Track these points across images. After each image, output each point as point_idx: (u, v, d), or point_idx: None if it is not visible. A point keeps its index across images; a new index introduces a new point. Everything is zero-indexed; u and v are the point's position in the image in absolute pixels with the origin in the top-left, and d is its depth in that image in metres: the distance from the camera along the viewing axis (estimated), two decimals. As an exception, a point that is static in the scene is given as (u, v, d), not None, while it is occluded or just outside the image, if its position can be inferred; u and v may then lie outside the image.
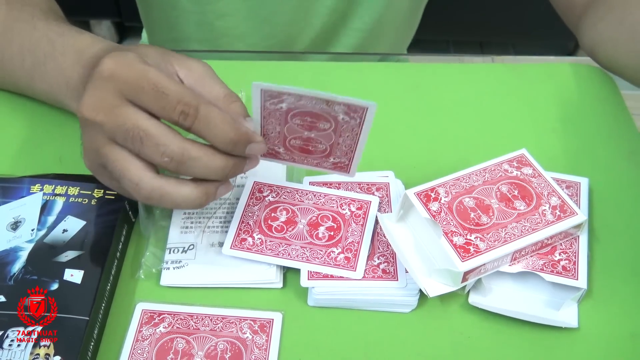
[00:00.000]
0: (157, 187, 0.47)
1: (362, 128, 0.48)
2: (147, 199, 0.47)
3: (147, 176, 0.46)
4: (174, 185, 0.47)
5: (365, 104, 0.46)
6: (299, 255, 0.53)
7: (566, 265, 0.51)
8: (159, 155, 0.45)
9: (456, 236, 0.50)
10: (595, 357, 0.49)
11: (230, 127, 0.46)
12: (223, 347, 0.49)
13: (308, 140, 0.50)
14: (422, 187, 0.54)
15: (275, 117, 0.48)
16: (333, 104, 0.46)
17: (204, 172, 0.47)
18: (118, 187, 0.50)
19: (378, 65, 0.78)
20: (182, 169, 0.46)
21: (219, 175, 0.48)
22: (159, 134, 0.45)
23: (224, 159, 0.47)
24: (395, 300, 0.51)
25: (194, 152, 0.46)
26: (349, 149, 0.51)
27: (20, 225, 0.53)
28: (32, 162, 0.61)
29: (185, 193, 0.47)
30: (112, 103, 0.46)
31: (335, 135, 0.49)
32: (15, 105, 0.66)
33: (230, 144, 0.46)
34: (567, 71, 0.73)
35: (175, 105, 0.45)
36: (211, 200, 0.49)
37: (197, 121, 0.45)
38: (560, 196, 0.54)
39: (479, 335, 0.51)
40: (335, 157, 0.52)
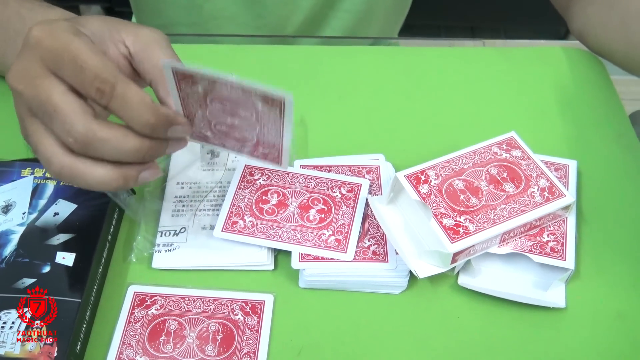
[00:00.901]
0: (68, 165, 0.44)
1: (284, 120, 0.45)
2: (58, 175, 0.45)
3: (58, 152, 0.44)
4: (88, 165, 0.44)
5: (280, 95, 0.43)
6: (290, 238, 0.53)
7: (554, 247, 0.52)
8: (65, 134, 0.43)
9: (446, 218, 0.51)
10: (582, 337, 0.50)
11: (148, 109, 0.43)
12: (215, 329, 0.49)
13: (232, 127, 0.48)
14: (412, 170, 0.54)
15: (194, 99, 0.45)
16: (249, 94, 0.44)
17: (115, 155, 0.44)
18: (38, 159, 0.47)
19: (369, 49, 0.78)
20: (90, 150, 0.43)
21: (134, 158, 0.44)
22: (66, 112, 0.42)
23: (138, 140, 0.44)
24: (385, 282, 0.52)
25: (101, 133, 0.43)
26: (275, 140, 0.48)
27: (11, 208, 0.53)
28: (23, 146, 0.61)
29: (99, 174, 0.44)
30: (34, 72, 0.43)
31: (259, 126, 0.46)
32: (5, 89, 0.66)
33: (148, 127, 0.43)
34: (557, 55, 0.73)
35: (92, 80, 0.42)
36: (131, 184, 0.46)
37: (112, 100, 0.42)
38: (549, 178, 0.54)
39: (468, 316, 0.51)
40: (264, 148, 0.49)
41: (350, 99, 0.68)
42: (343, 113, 0.66)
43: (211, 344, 0.48)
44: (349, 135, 0.64)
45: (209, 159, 0.60)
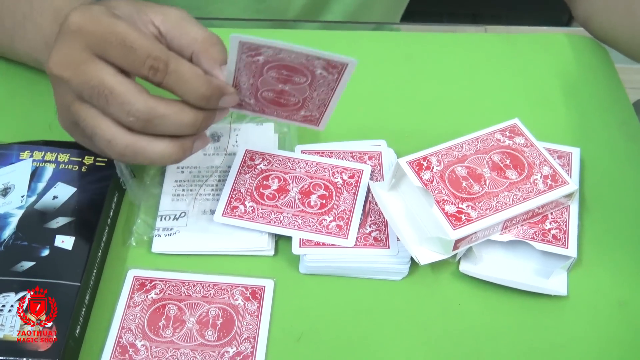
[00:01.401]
0: (131, 144, 0.45)
1: (339, 84, 0.47)
2: (121, 155, 0.46)
3: (119, 132, 0.45)
4: (148, 141, 0.45)
5: (345, 60, 0.45)
6: (291, 223, 0.53)
7: (556, 234, 0.52)
8: (124, 114, 0.44)
9: (448, 204, 0.50)
10: (584, 325, 0.50)
11: (202, 82, 0.44)
12: (215, 314, 0.49)
13: (281, 93, 0.49)
14: (415, 156, 0.54)
15: (250, 69, 0.46)
16: (312, 59, 0.45)
17: (174, 129, 0.45)
18: (91, 145, 0.48)
19: (371, 34, 0.77)
20: (150, 127, 0.44)
21: (191, 130, 0.46)
22: (123, 92, 0.43)
23: (194, 113, 0.45)
24: (386, 268, 0.51)
25: (160, 110, 0.44)
26: (321, 103, 0.50)
27: (10, 191, 0.52)
28: (22, 129, 0.61)
29: (160, 149, 0.46)
30: (79, 59, 0.44)
31: (310, 89, 0.48)
32: (4, 71, 0.65)
33: (203, 99, 0.45)
34: (561, 41, 0.73)
35: (144, 59, 0.43)
36: (188, 154, 0.47)
37: (167, 76, 0.44)
38: (552, 166, 0.54)
39: (470, 303, 0.51)
40: (306, 111, 0.51)
41: (352, 85, 0.67)
42: (345, 98, 0.65)
43: (211, 329, 0.48)
44: (351, 121, 0.63)
45: (210, 144, 0.59)
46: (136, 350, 0.47)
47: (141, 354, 0.47)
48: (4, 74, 0.65)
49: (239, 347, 0.47)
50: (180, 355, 0.47)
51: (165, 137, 0.46)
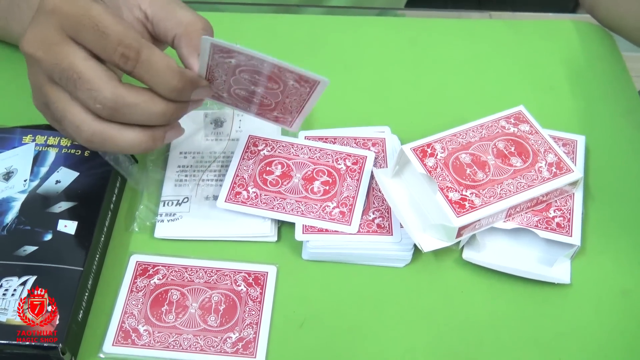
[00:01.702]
0: (99, 131, 0.44)
1: (311, 97, 0.47)
2: (89, 142, 0.45)
3: (87, 119, 0.43)
4: (117, 129, 0.44)
5: (317, 79, 0.44)
6: (294, 209, 0.52)
7: (560, 222, 0.51)
8: (92, 100, 0.42)
9: (452, 192, 0.50)
10: (587, 313, 0.50)
11: (174, 74, 0.43)
12: (217, 299, 0.49)
13: (253, 94, 0.49)
14: (419, 143, 0.53)
15: (222, 68, 0.46)
16: (284, 71, 0.44)
17: (143, 119, 0.44)
18: (60, 128, 0.47)
19: (375, 20, 0.77)
20: (118, 116, 0.43)
21: (162, 121, 0.45)
22: (92, 78, 0.42)
23: (164, 104, 0.44)
24: (389, 255, 0.51)
25: (129, 98, 0.42)
26: (294, 109, 0.49)
27: (12, 175, 0.52)
28: (24, 113, 0.60)
29: (129, 138, 0.44)
30: (51, 39, 0.42)
31: (282, 96, 0.48)
32: (6, 55, 0.65)
33: (174, 92, 0.44)
34: (566, 28, 0.72)
35: (116, 46, 0.42)
36: (159, 145, 0.46)
37: (138, 65, 0.42)
38: (557, 153, 0.53)
39: (472, 291, 0.51)
40: (279, 113, 0.51)
41: (356, 70, 0.67)
42: (348, 84, 0.65)
43: (213, 315, 0.48)
44: (355, 107, 0.63)
45: (213, 129, 0.59)
46: (139, 335, 0.47)
47: (144, 339, 0.47)
48: (5, 58, 0.65)
49: (242, 333, 0.47)
50: (183, 340, 0.47)
51: (135, 126, 0.44)
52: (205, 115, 0.60)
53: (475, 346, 0.48)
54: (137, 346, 0.47)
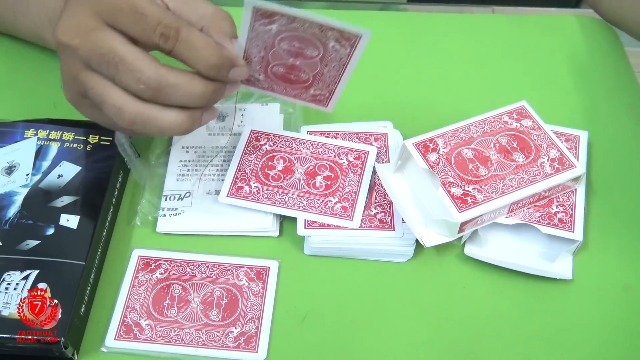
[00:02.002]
0: (141, 112, 0.44)
1: (351, 58, 0.47)
2: (131, 123, 0.45)
3: (129, 100, 0.44)
4: (159, 109, 0.45)
5: (359, 31, 0.44)
6: (296, 204, 0.52)
7: (563, 218, 0.51)
8: (134, 81, 0.43)
9: (454, 187, 0.50)
10: (588, 309, 0.50)
11: (213, 51, 0.44)
12: (219, 294, 0.49)
13: (291, 68, 0.48)
14: (421, 138, 0.53)
15: (262, 40, 0.46)
16: (326, 30, 0.44)
17: (183, 99, 0.44)
18: (100, 115, 0.47)
19: (378, 14, 0.76)
20: (160, 96, 0.44)
21: (200, 102, 0.45)
22: (134, 60, 0.43)
23: (204, 84, 0.45)
24: (391, 250, 0.51)
25: (171, 79, 0.43)
26: (332, 81, 0.49)
27: (14, 169, 0.52)
28: (26, 107, 0.60)
29: (170, 118, 0.45)
30: (88, 26, 0.43)
31: (321, 65, 0.48)
32: (9, 49, 0.65)
33: (213, 69, 0.44)
34: (569, 23, 0.72)
35: (155, 26, 0.42)
36: (197, 126, 0.47)
37: (178, 44, 0.43)
38: (559, 149, 0.53)
39: (474, 286, 0.51)
40: (316, 89, 0.50)
41: (358, 65, 0.66)
42: (351, 79, 0.65)
43: (215, 309, 0.48)
44: (357, 102, 0.63)
45: (215, 123, 0.59)
46: (141, 330, 0.47)
47: (146, 333, 0.47)
48: (9, 52, 0.65)
49: (243, 328, 0.48)
50: (185, 334, 0.47)
51: (174, 107, 0.45)
52: (207, 109, 0.59)
53: (476, 341, 0.48)
54: (139, 340, 0.47)
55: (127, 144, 0.54)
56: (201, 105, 0.46)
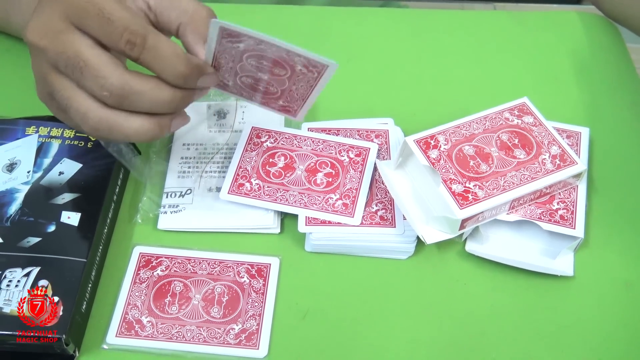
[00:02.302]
0: (105, 118, 0.43)
1: (318, 82, 0.47)
2: (95, 130, 0.44)
3: (93, 106, 0.43)
4: (124, 116, 0.44)
5: (325, 62, 0.44)
6: (297, 201, 0.52)
7: (564, 215, 0.51)
8: (98, 88, 0.42)
9: (455, 184, 0.50)
10: (590, 305, 0.50)
11: (180, 60, 0.43)
12: (220, 291, 0.49)
13: (259, 81, 0.48)
14: (422, 135, 0.53)
15: (229, 54, 0.45)
16: (293, 55, 0.44)
17: (150, 107, 0.44)
18: (66, 118, 0.47)
19: (378, 11, 0.76)
20: (125, 103, 0.43)
21: (168, 109, 0.44)
22: (98, 65, 0.42)
23: (171, 91, 0.44)
24: (392, 247, 0.51)
25: (136, 86, 0.42)
26: (300, 98, 0.49)
27: (15, 167, 0.52)
28: (27, 104, 0.60)
29: (135, 125, 0.44)
30: (56, 27, 0.42)
31: (289, 83, 0.48)
32: (9, 46, 0.65)
33: (180, 78, 0.43)
34: (571, 20, 0.72)
35: (122, 32, 0.41)
36: (166, 132, 0.46)
37: (144, 51, 0.42)
38: (561, 145, 0.53)
39: (475, 283, 0.51)
40: (284, 102, 0.50)
41: (359, 62, 0.67)
42: (352, 76, 0.65)
43: (216, 306, 0.48)
44: (358, 99, 0.63)
45: (216, 120, 0.59)
46: (142, 327, 0.47)
47: (147, 330, 0.47)
48: (9, 49, 0.65)
49: (245, 324, 0.48)
50: (186, 331, 0.47)
51: (141, 114, 0.44)
52: (208, 106, 0.60)
53: (477, 338, 0.48)
54: (140, 337, 0.47)
55: (123, 143, 0.53)
56: (169, 112, 0.45)
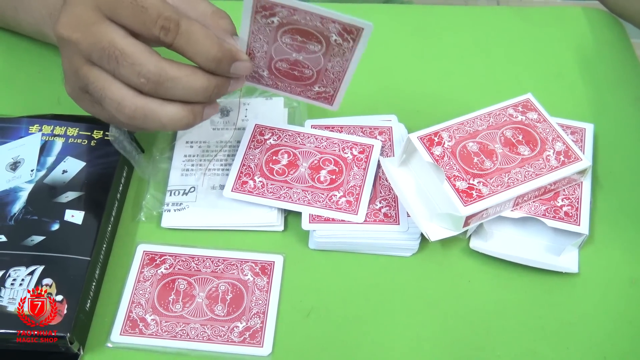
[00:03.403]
0: (141, 106, 0.44)
1: (354, 53, 0.47)
2: (131, 118, 0.45)
3: (129, 94, 0.44)
4: (159, 103, 0.44)
5: (361, 24, 0.44)
6: (301, 199, 0.52)
7: (568, 211, 0.51)
8: (135, 75, 0.43)
9: (459, 180, 0.50)
10: (595, 302, 0.50)
11: (214, 43, 0.44)
12: (224, 289, 0.49)
13: (295, 64, 0.48)
14: (426, 131, 0.53)
15: (264, 34, 0.46)
16: (328, 22, 0.44)
17: (184, 94, 0.44)
18: (100, 110, 0.47)
19: (382, 7, 0.76)
20: (161, 90, 0.44)
21: (202, 96, 0.45)
22: (135, 53, 0.43)
23: (206, 78, 0.45)
24: (396, 244, 0.51)
25: (172, 72, 0.43)
26: (336, 77, 0.49)
27: (19, 165, 0.52)
28: (30, 103, 0.60)
29: (171, 112, 0.45)
30: (89, 20, 0.43)
31: (324, 60, 0.48)
32: (13, 45, 0.65)
33: (214, 62, 0.44)
34: (575, 15, 0.72)
35: (156, 19, 0.42)
36: (198, 121, 0.46)
37: (178, 36, 0.43)
38: (565, 142, 0.53)
39: (480, 280, 0.51)
40: (320, 86, 0.50)
41: (363, 58, 0.66)
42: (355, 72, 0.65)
43: (220, 304, 0.48)
44: (361, 96, 0.62)
45: (219, 118, 0.59)
46: (146, 325, 0.47)
47: (151, 328, 0.47)
48: (12, 48, 0.65)
49: (249, 322, 0.48)
50: (190, 329, 0.47)
51: (175, 102, 0.45)
52: (211, 104, 0.59)
53: (482, 335, 0.48)
54: (144, 335, 0.47)
55: (126, 140, 0.53)
56: (203, 100, 0.46)
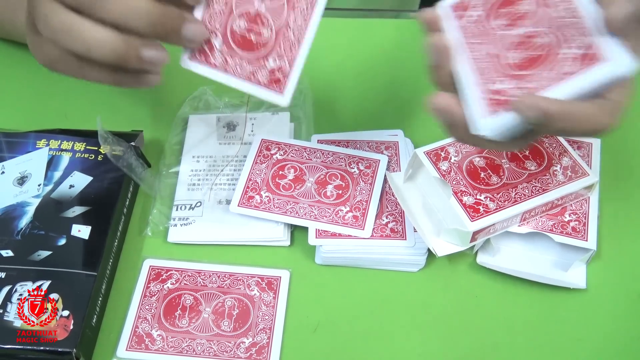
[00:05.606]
0: (68, 22, 0.39)
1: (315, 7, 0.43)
2: (54, 33, 0.40)
3: (59, 8, 0.40)
4: (89, 23, 0.39)
5: None
6: (307, 214, 0.52)
7: (576, 227, 0.51)
8: None
9: (466, 196, 0.50)
10: (603, 318, 0.49)
11: None
12: (231, 304, 0.49)
13: (254, 21, 0.44)
14: (432, 146, 0.53)
15: None
16: None
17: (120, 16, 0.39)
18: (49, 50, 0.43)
19: (388, 22, 0.76)
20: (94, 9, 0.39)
21: (140, 24, 0.39)
22: None
23: (152, 3, 0.39)
24: (403, 260, 0.51)
25: None
26: (296, 39, 0.44)
27: (26, 180, 0.53)
28: (38, 118, 0.61)
29: (99, 35, 0.39)
30: None
31: (287, 9, 0.44)
32: (21, 60, 0.65)
33: None
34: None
35: None
36: (133, 59, 0.40)
37: None
38: (572, 156, 0.53)
39: (487, 295, 0.51)
40: (275, 58, 0.45)
41: (369, 73, 0.67)
42: (362, 88, 0.65)
43: (227, 319, 0.48)
44: (368, 111, 0.63)
45: (225, 133, 0.59)
46: (152, 340, 0.47)
47: (157, 344, 0.47)
48: (20, 63, 0.65)
49: (255, 338, 0.47)
50: (196, 345, 0.47)
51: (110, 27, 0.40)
52: (217, 119, 0.60)
53: (489, 351, 0.48)
54: (150, 351, 0.47)
55: (132, 157, 0.53)
56: (142, 29, 0.40)
